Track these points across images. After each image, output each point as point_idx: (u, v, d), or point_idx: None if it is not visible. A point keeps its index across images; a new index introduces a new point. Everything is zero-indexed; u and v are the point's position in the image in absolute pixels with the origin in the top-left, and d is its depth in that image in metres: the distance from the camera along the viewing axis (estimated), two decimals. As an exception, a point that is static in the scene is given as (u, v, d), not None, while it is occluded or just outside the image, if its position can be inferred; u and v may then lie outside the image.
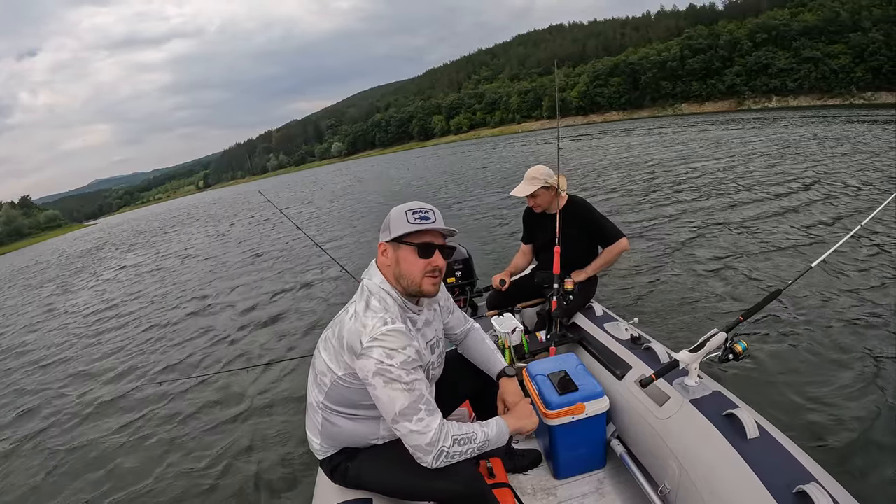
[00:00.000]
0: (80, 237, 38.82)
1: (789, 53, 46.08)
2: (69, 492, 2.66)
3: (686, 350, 1.34)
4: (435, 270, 1.13)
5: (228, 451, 2.70)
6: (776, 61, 46.61)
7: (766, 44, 48.60)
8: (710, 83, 52.76)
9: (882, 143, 10.51)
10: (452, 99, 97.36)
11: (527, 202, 2.23)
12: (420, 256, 1.11)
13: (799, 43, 45.56)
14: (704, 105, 51.97)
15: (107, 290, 9.11)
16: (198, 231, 17.30)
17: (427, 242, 1.11)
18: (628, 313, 2.98)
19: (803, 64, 44.45)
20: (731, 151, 12.03)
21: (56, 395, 4.18)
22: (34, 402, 4.09)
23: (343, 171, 44.61)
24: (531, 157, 20.43)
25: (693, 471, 1.20)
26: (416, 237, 1.11)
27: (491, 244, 6.31)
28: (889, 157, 8.35)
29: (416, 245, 1.11)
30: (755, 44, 49.41)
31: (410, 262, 1.12)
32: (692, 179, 8.76)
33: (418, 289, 1.13)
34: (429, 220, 1.11)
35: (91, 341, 5.71)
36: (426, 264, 1.12)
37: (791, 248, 4.35)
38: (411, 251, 1.11)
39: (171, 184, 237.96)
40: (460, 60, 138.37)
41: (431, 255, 1.12)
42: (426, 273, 1.12)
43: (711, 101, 52.03)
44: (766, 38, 48.94)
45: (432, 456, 1.05)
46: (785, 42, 47.17)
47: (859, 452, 1.88)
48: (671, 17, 77.95)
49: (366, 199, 16.22)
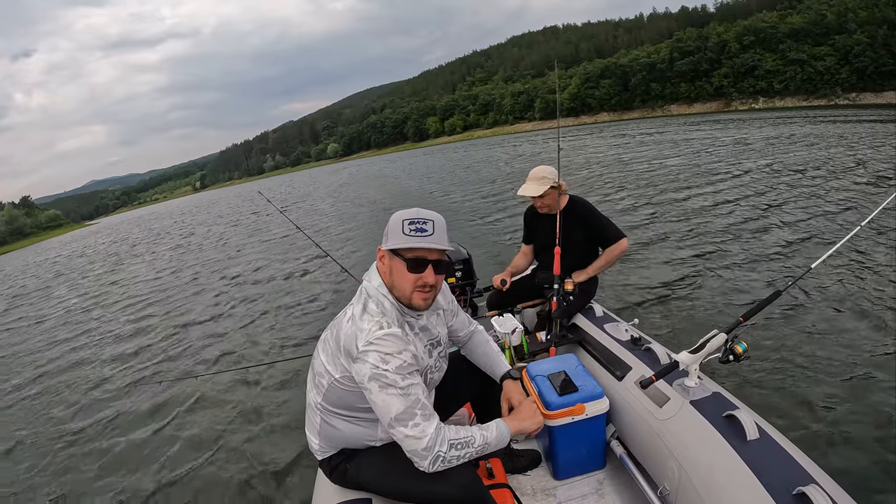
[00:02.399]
0: (81, 237, 38.62)
1: (776, 55, 46.76)
2: (69, 490, 2.65)
3: (686, 351, 1.34)
4: (426, 286, 1.11)
5: (228, 450, 2.71)
6: (763, 63, 47.26)
7: (754, 46, 49.30)
8: (698, 85, 53.45)
9: (876, 142, 10.57)
10: (447, 100, 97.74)
11: (531, 202, 2.23)
12: (410, 271, 1.09)
13: (785, 45, 46.28)
14: (693, 106, 52.56)
15: (113, 291, 9.04)
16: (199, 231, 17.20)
17: (419, 258, 1.09)
18: (628, 314, 3.02)
19: (789, 66, 45.11)
20: (728, 152, 12.13)
21: (53, 388, 4.21)
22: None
23: (339, 171, 44.53)
24: (530, 156, 20.54)
25: (693, 472, 1.20)
26: (409, 251, 1.09)
27: (491, 244, 6.32)
28: (886, 157, 8.38)
29: (407, 260, 1.09)
30: (743, 46, 50.10)
31: (401, 274, 1.10)
32: (691, 179, 8.79)
33: (409, 302, 1.13)
34: (425, 233, 1.08)
35: (87, 341, 5.68)
36: (416, 279, 1.10)
37: (791, 250, 4.36)
38: (402, 264, 1.10)
39: (168, 185, 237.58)
40: (455, 62, 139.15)
41: (422, 271, 1.09)
42: (416, 287, 1.11)
43: (700, 102, 52.65)
44: (753, 41, 49.64)
45: (428, 461, 1.05)
46: (772, 44, 47.89)
47: (859, 454, 1.89)
48: (663, 19, 78.83)
49: (367, 197, 16.16)
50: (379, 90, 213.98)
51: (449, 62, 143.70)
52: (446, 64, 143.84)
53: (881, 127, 13.90)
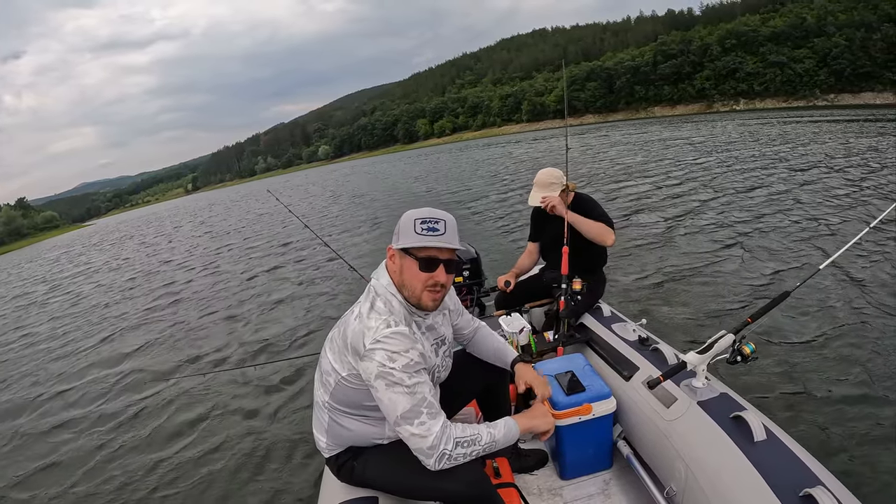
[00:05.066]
0: (84, 235, 38.21)
1: (756, 58, 47.89)
2: (68, 488, 2.64)
3: (694, 351, 1.34)
4: (437, 285, 1.11)
5: (235, 447, 2.71)
6: (744, 66, 48.35)
7: (735, 49, 50.43)
8: (681, 87, 54.47)
9: (871, 143, 10.62)
10: (436, 103, 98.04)
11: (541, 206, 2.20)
12: (422, 270, 1.10)
13: (766, 48, 47.43)
14: (676, 108, 53.54)
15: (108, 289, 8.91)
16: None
17: (431, 257, 1.09)
18: (636, 314, 3.00)
19: (769, 68, 46.21)
20: (727, 152, 12.14)
21: (56, 390, 4.18)
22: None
23: (334, 172, 44.25)
24: (527, 156, 20.61)
25: (699, 473, 1.21)
26: (421, 250, 1.09)
27: (500, 243, 6.31)
28: (887, 159, 8.34)
29: (419, 259, 1.09)
30: (724, 49, 51.21)
31: (413, 273, 1.11)
32: (693, 180, 8.76)
33: (418, 301, 1.13)
34: (437, 233, 1.08)
35: (90, 342, 5.63)
36: (427, 278, 1.10)
37: (800, 250, 4.32)
38: (414, 263, 1.10)
39: (160, 186, 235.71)
40: (445, 64, 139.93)
41: (434, 270, 1.10)
42: (427, 287, 1.11)
43: (682, 104, 53.60)
44: (734, 44, 50.82)
45: (434, 459, 1.05)
46: (753, 47, 49.04)
47: (867, 456, 1.88)
48: (650, 22, 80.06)
49: (372, 196, 16.07)
50: (370, 92, 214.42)
51: (439, 64, 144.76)
52: (436, 66, 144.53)
53: (870, 125, 14.09)
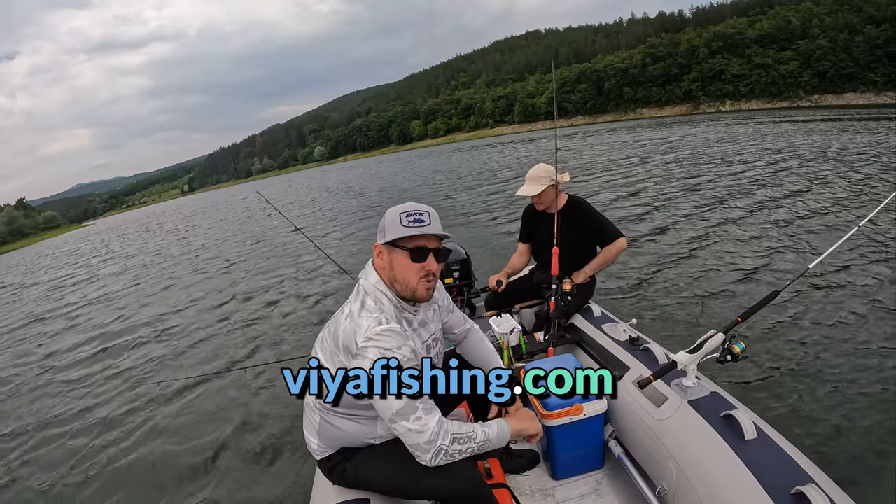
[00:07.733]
0: (84, 235, 37.64)
1: (742, 60, 48.83)
2: (69, 490, 2.61)
3: (684, 351, 1.35)
4: (429, 275, 1.12)
5: (225, 451, 2.69)
6: (730, 68, 49.34)
7: (722, 51, 51.40)
8: (668, 89, 55.55)
9: (869, 143, 10.71)
10: (430, 104, 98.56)
11: (530, 200, 2.23)
12: (413, 261, 1.10)
13: (752, 50, 48.41)
14: (664, 109, 54.50)
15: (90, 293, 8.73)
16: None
17: (420, 247, 1.10)
18: (626, 314, 3.03)
19: (755, 70, 47.19)
20: (719, 152, 12.28)
21: (55, 391, 4.14)
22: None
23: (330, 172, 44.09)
24: (524, 155, 20.68)
25: (691, 472, 1.21)
26: (410, 241, 1.10)
27: (490, 244, 6.30)
28: (879, 158, 8.46)
29: (409, 249, 1.10)
30: (711, 51, 52.19)
31: (404, 265, 1.11)
32: (687, 180, 8.82)
33: (412, 293, 1.13)
34: (423, 224, 1.09)
35: (86, 338, 5.60)
36: (420, 268, 1.11)
37: (789, 250, 4.34)
38: (405, 255, 1.10)
39: (156, 188, 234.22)
40: (439, 66, 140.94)
41: (425, 259, 1.11)
42: (421, 277, 1.11)
43: (670, 105, 54.63)
44: (721, 46, 51.76)
45: (431, 454, 1.04)
46: (739, 50, 50.00)
47: (857, 453, 1.89)
48: (641, 24, 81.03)
49: (363, 196, 16.02)
50: (364, 93, 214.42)
51: (433, 66, 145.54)
52: (430, 68, 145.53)
53: (859, 124, 14.35)
